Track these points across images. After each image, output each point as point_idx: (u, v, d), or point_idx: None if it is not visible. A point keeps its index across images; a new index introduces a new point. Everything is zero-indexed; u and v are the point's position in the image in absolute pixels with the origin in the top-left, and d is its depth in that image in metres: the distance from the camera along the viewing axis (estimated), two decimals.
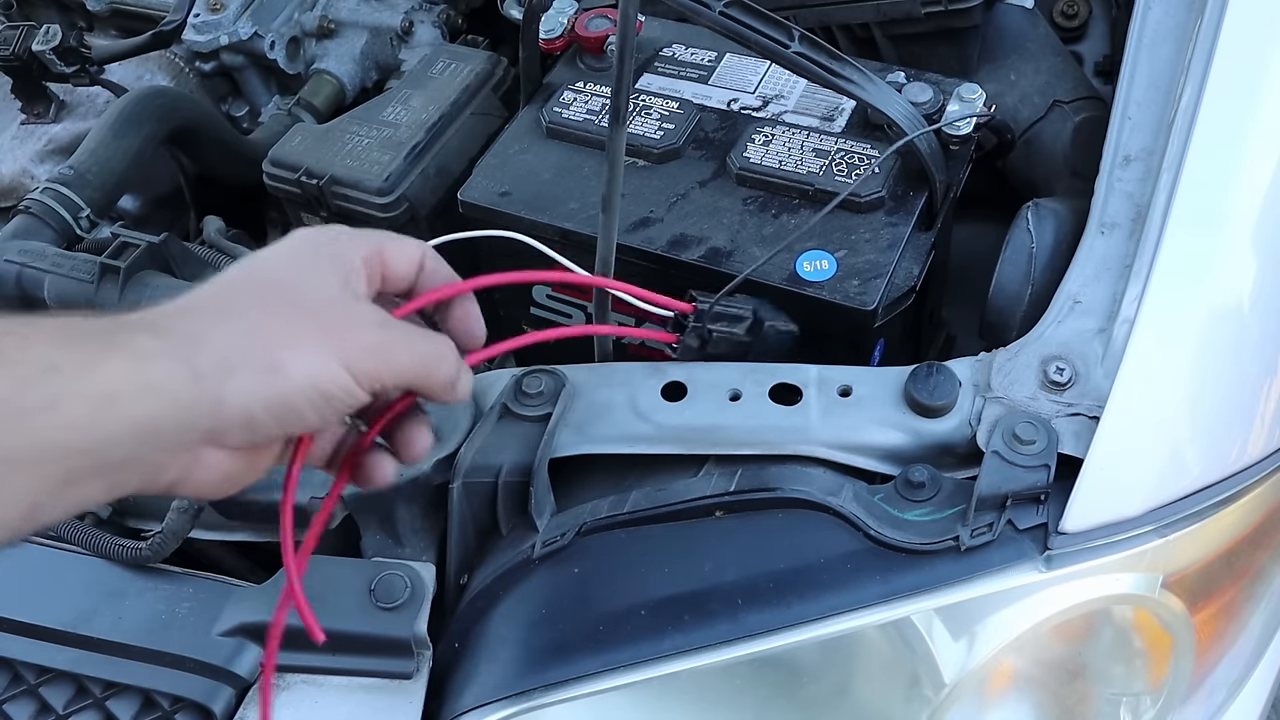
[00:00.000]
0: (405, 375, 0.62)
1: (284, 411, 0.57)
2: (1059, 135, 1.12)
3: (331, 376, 0.58)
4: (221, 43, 1.30)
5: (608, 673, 0.73)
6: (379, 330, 0.61)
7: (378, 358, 0.60)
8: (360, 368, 0.59)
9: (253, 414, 0.56)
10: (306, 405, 0.58)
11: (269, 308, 0.60)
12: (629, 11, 0.72)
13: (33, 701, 0.77)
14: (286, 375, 0.57)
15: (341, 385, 0.59)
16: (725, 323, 0.86)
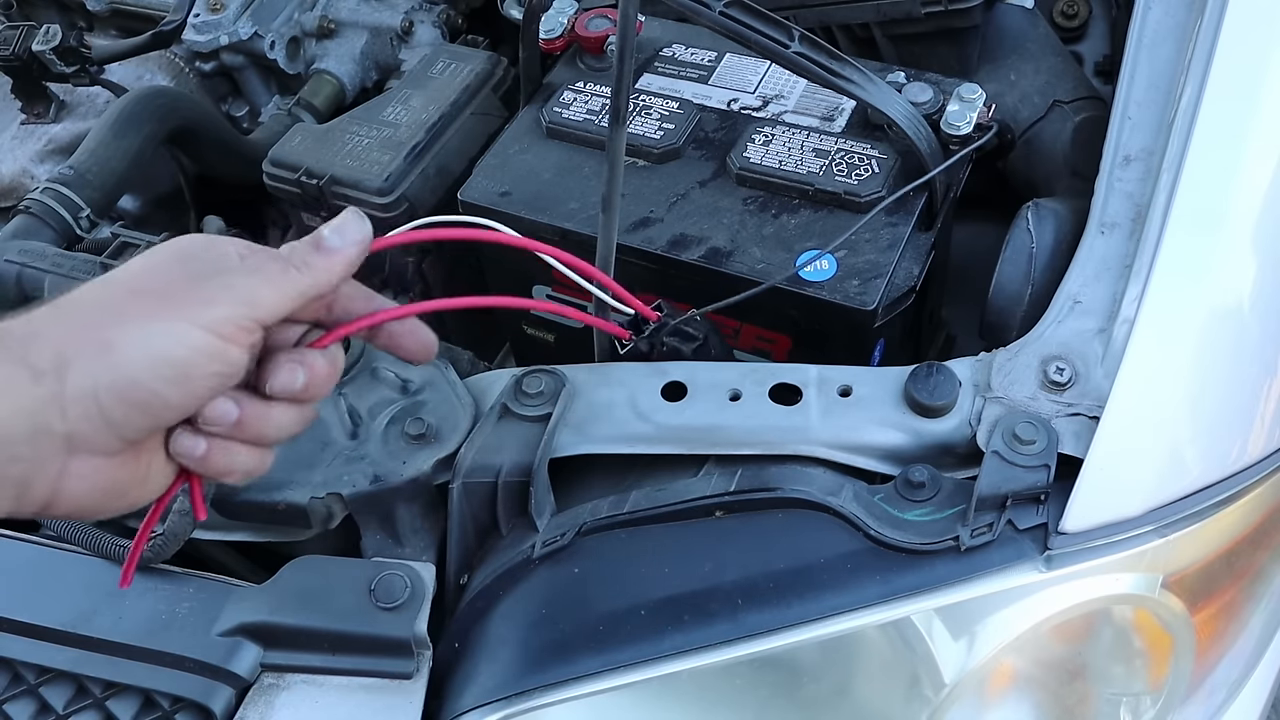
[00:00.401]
0: (282, 303, 0.58)
1: (134, 392, 0.54)
2: (1059, 135, 1.12)
3: (181, 341, 0.54)
4: (221, 43, 1.30)
5: (608, 673, 0.73)
6: (227, 277, 0.57)
7: (244, 310, 0.56)
8: (225, 323, 0.55)
9: (101, 403, 0.53)
10: (156, 380, 0.54)
11: (105, 298, 0.56)
12: (629, 11, 0.72)
13: (33, 701, 0.77)
14: (121, 351, 0.53)
15: (198, 347, 0.54)
16: (677, 339, 0.87)
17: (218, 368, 0.56)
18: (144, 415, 0.55)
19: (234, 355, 0.56)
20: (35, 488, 0.54)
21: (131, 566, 0.66)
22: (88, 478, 0.55)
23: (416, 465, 0.81)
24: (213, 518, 0.84)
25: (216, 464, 0.60)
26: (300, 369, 0.61)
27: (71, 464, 0.54)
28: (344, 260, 0.61)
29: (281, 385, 0.60)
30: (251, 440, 0.61)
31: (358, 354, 0.87)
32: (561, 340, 1.10)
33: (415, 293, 1.15)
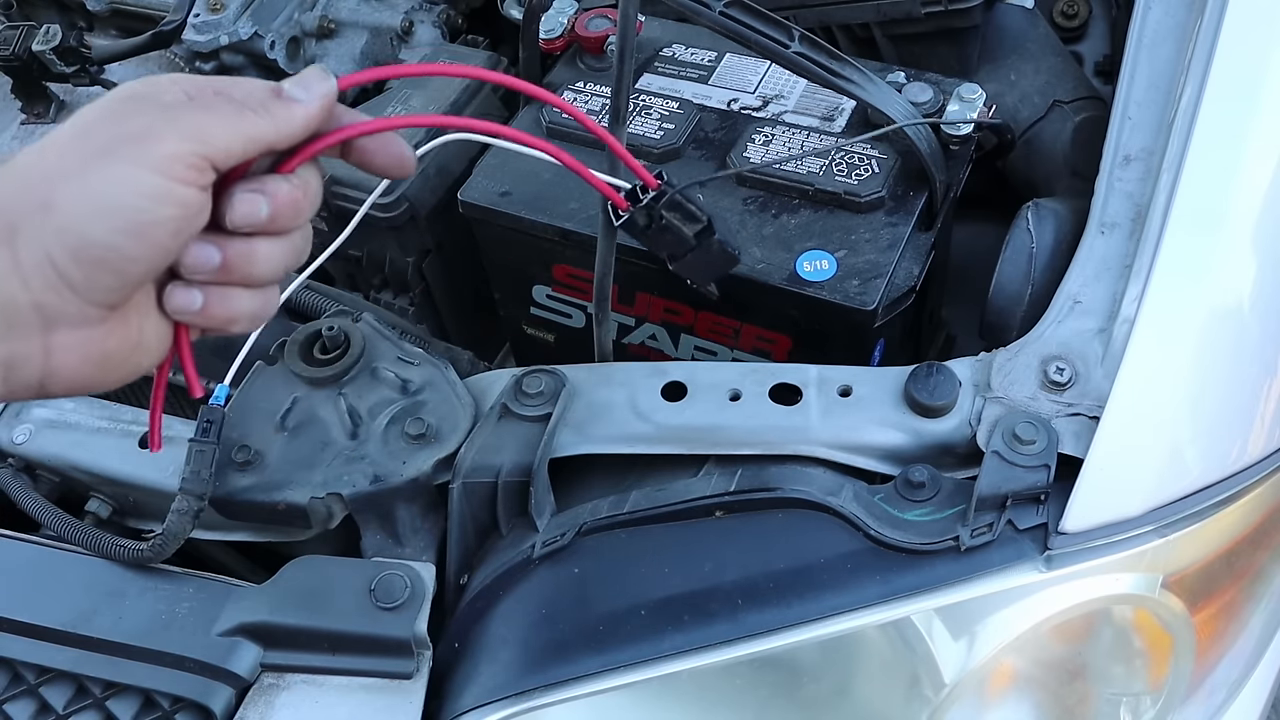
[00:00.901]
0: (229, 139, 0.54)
1: (88, 250, 0.51)
2: (1059, 135, 1.12)
3: (125, 187, 0.51)
4: (221, 42, 1.30)
5: (608, 673, 0.73)
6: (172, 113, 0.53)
7: (193, 145, 0.52)
8: (171, 160, 0.51)
9: (58, 267, 0.50)
10: (108, 233, 0.51)
11: (43, 157, 0.53)
12: (629, 11, 0.72)
13: (33, 701, 0.77)
14: (63, 210, 0.50)
15: (144, 191, 0.51)
16: (679, 215, 0.80)
17: (171, 211, 0.52)
18: (107, 273, 0.52)
19: (186, 196, 0.52)
20: (23, 368, 0.52)
21: (156, 428, 0.64)
22: (75, 350, 0.53)
23: (416, 465, 0.81)
24: (213, 518, 0.84)
25: (217, 313, 0.57)
26: (261, 198, 0.56)
27: (54, 338, 0.52)
28: (304, 113, 0.57)
29: (242, 217, 0.56)
30: (245, 282, 0.58)
31: (358, 354, 0.87)
32: (561, 340, 1.10)
33: (415, 292, 1.15)
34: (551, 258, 1.02)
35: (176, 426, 0.91)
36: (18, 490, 0.89)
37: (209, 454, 0.80)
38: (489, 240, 1.05)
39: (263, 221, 0.57)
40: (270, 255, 0.58)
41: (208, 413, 0.81)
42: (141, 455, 0.89)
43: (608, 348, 0.89)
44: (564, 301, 1.06)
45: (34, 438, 0.92)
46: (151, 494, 0.89)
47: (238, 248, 0.57)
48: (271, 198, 0.57)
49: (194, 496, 0.79)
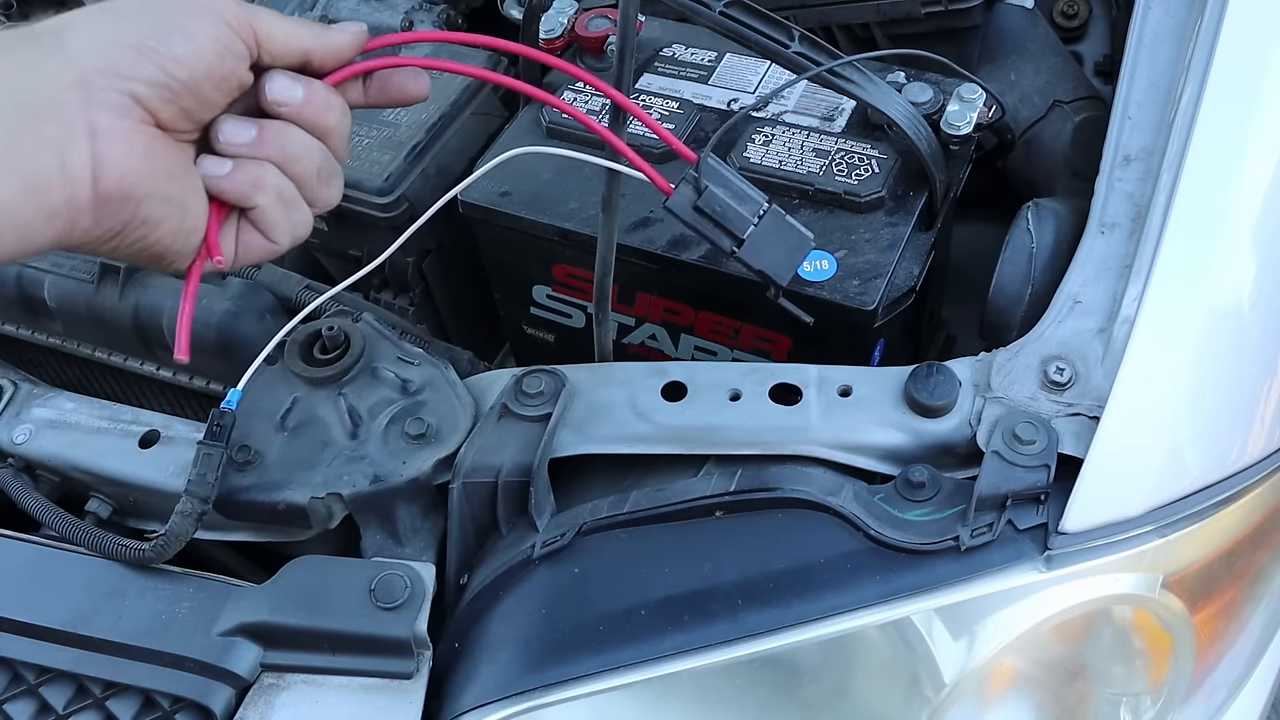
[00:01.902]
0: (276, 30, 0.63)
1: (135, 37, 0.57)
2: (1059, 135, 1.12)
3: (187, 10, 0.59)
4: None
5: (608, 673, 0.73)
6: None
7: (241, 10, 0.61)
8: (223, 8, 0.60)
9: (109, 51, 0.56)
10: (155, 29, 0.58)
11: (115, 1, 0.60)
12: (629, 11, 0.72)
13: (33, 701, 0.77)
14: (117, 10, 0.58)
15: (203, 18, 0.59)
16: (728, 192, 0.77)
17: (217, 34, 0.59)
18: (152, 64, 0.57)
19: (230, 34, 0.60)
20: (73, 150, 0.55)
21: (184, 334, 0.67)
22: (121, 137, 0.57)
23: (416, 465, 0.81)
24: (213, 518, 0.84)
25: (244, 178, 0.63)
26: (298, 83, 0.64)
27: (98, 119, 0.56)
28: (339, 38, 0.66)
29: (280, 91, 0.64)
30: (277, 160, 0.64)
31: (358, 354, 0.87)
32: (561, 340, 1.10)
33: (415, 292, 1.15)
34: (551, 258, 1.02)
35: (177, 426, 0.91)
36: (18, 490, 0.89)
37: (216, 457, 0.80)
38: (489, 240, 1.05)
39: (298, 102, 0.64)
40: (302, 144, 0.65)
41: (218, 416, 0.81)
42: (141, 455, 0.89)
43: (608, 348, 0.89)
44: (564, 301, 1.06)
45: (34, 438, 0.92)
46: (152, 494, 0.89)
47: (274, 127, 0.64)
48: (308, 85, 0.65)
49: (198, 499, 0.79)
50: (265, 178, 0.64)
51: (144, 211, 0.60)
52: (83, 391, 0.99)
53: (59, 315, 1.00)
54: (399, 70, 0.71)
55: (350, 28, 0.67)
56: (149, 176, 0.59)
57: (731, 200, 0.78)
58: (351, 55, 0.68)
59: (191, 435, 0.88)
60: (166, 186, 0.60)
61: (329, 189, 0.68)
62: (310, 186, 0.67)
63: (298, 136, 0.65)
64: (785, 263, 0.80)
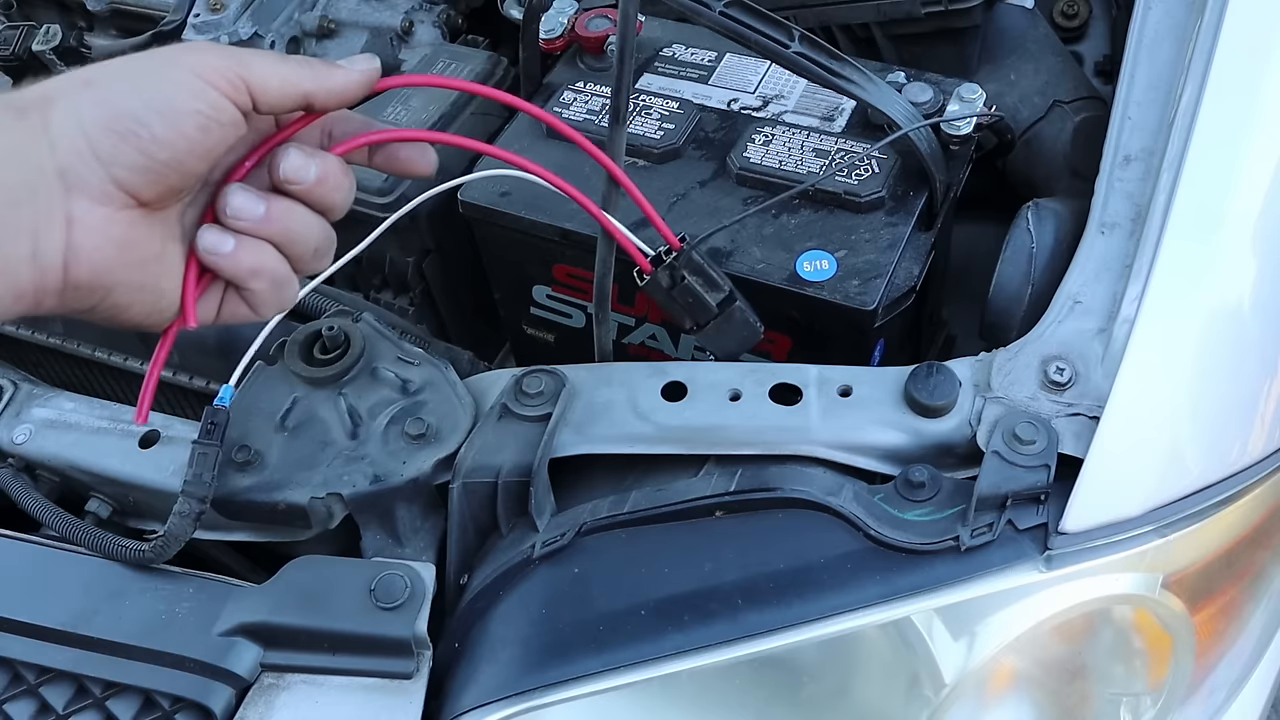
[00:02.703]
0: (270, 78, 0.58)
1: (120, 122, 0.54)
2: (1059, 135, 1.12)
3: (165, 77, 0.55)
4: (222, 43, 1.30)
5: (608, 673, 0.73)
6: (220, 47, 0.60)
7: (234, 63, 0.57)
8: (209, 68, 0.56)
9: (87, 133, 0.54)
10: (141, 108, 0.55)
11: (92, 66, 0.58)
12: (629, 11, 0.72)
13: (33, 701, 0.77)
14: (103, 85, 0.54)
15: (181, 83, 0.55)
16: (701, 280, 0.83)
17: (202, 106, 0.56)
18: (133, 149, 0.55)
19: (218, 100, 0.56)
20: (47, 238, 0.54)
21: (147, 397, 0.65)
22: (96, 228, 0.55)
23: (416, 465, 0.81)
24: (213, 518, 0.84)
25: (246, 262, 0.61)
26: (312, 161, 0.62)
27: (75, 208, 0.54)
28: (344, 76, 0.62)
29: (293, 170, 0.61)
30: (279, 240, 0.62)
31: (358, 354, 0.87)
32: (561, 340, 1.10)
33: (415, 292, 1.15)
34: (551, 258, 1.02)
35: (177, 426, 0.91)
36: (18, 490, 0.89)
37: (212, 456, 0.80)
38: (489, 240, 1.05)
39: (310, 182, 0.62)
40: (307, 224, 0.63)
41: (212, 414, 0.81)
42: (142, 455, 0.89)
43: (608, 348, 0.89)
44: (564, 301, 1.06)
45: (34, 438, 0.92)
46: (151, 494, 0.89)
47: (281, 205, 0.61)
48: (321, 162, 0.62)
49: (196, 499, 0.79)
50: (265, 261, 0.62)
51: (114, 298, 0.58)
52: (83, 391, 0.99)
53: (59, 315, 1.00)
54: (407, 145, 0.68)
55: (360, 64, 0.63)
56: (123, 267, 0.57)
57: (702, 290, 0.83)
58: (359, 96, 0.64)
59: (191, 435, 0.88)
60: (140, 275, 0.58)
61: (321, 262, 0.66)
62: (304, 262, 0.64)
63: (303, 215, 0.63)
64: (734, 349, 0.86)
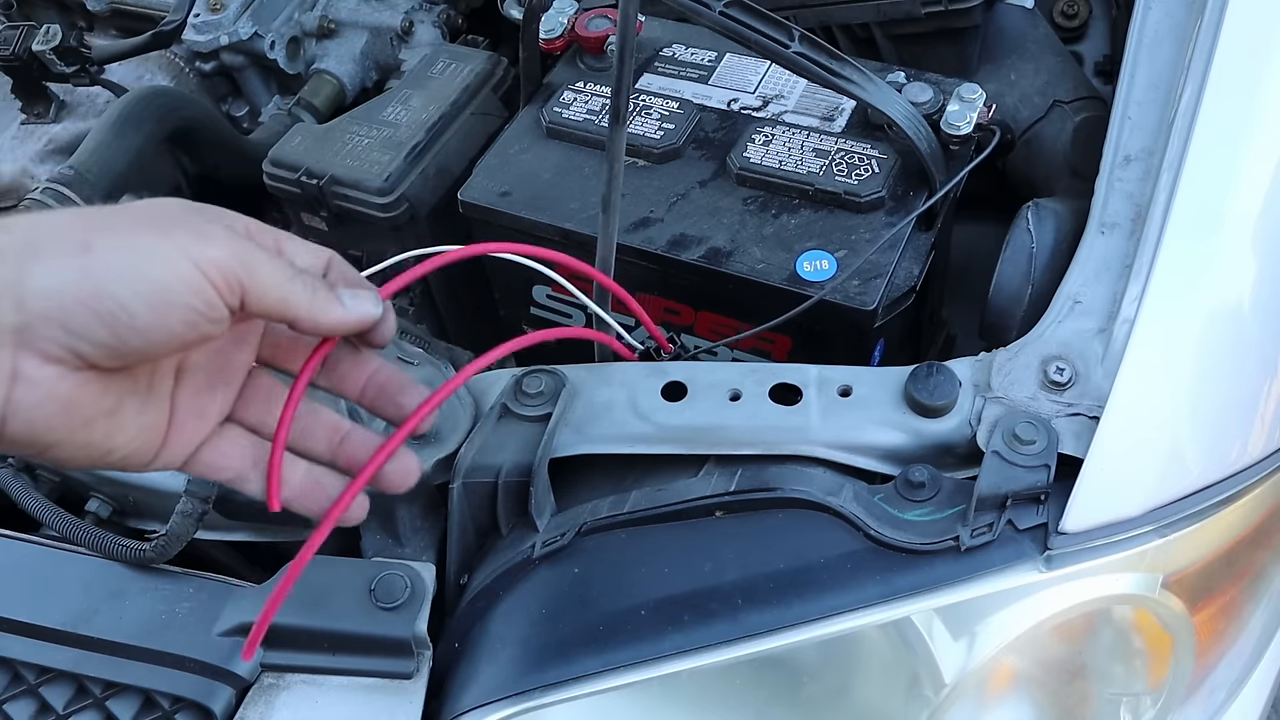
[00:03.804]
0: (266, 287, 0.54)
1: (102, 302, 0.49)
2: (1059, 135, 1.12)
3: (166, 263, 0.50)
4: (221, 43, 1.30)
5: (608, 673, 0.73)
6: (235, 236, 0.54)
7: (231, 256, 0.52)
8: (213, 265, 0.51)
9: (63, 303, 0.49)
10: (130, 293, 0.50)
11: (96, 212, 0.53)
12: (629, 11, 0.72)
13: (33, 701, 0.77)
14: (98, 255, 0.49)
15: (182, 275, 0.50)
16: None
17: (196, 303, 0.51)
18: (106, 330, 0.50)
19: (213, 299, 0.52)
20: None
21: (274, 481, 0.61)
22: (42, 386, 0.50)
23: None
24: (213, 518, 0.84)
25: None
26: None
27: (24, 364, 0.49)
28: (338, 318, 0.58)
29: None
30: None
31: None
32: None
33: (415, 292, 1.15)
34: None
35: None
36: (18, 490, 0.89)
37: None
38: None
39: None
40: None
41: None
42: None
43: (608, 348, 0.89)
44: (564, 301, 1.06)
45: None
46: (151, 494, 0.89)
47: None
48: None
49: (199, 499, 0.79)
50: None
51: (54, 453, 0.53)
52: None
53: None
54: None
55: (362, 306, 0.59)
56: (64, 428, 0.52)
57: None
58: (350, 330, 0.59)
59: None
60: (85, 435, 0.53)
61: None
62: None
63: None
64: None
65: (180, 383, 0.58)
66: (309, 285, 0.57)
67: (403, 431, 0.62)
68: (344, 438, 0.63)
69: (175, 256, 0.51)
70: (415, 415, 0.62)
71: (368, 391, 0.63)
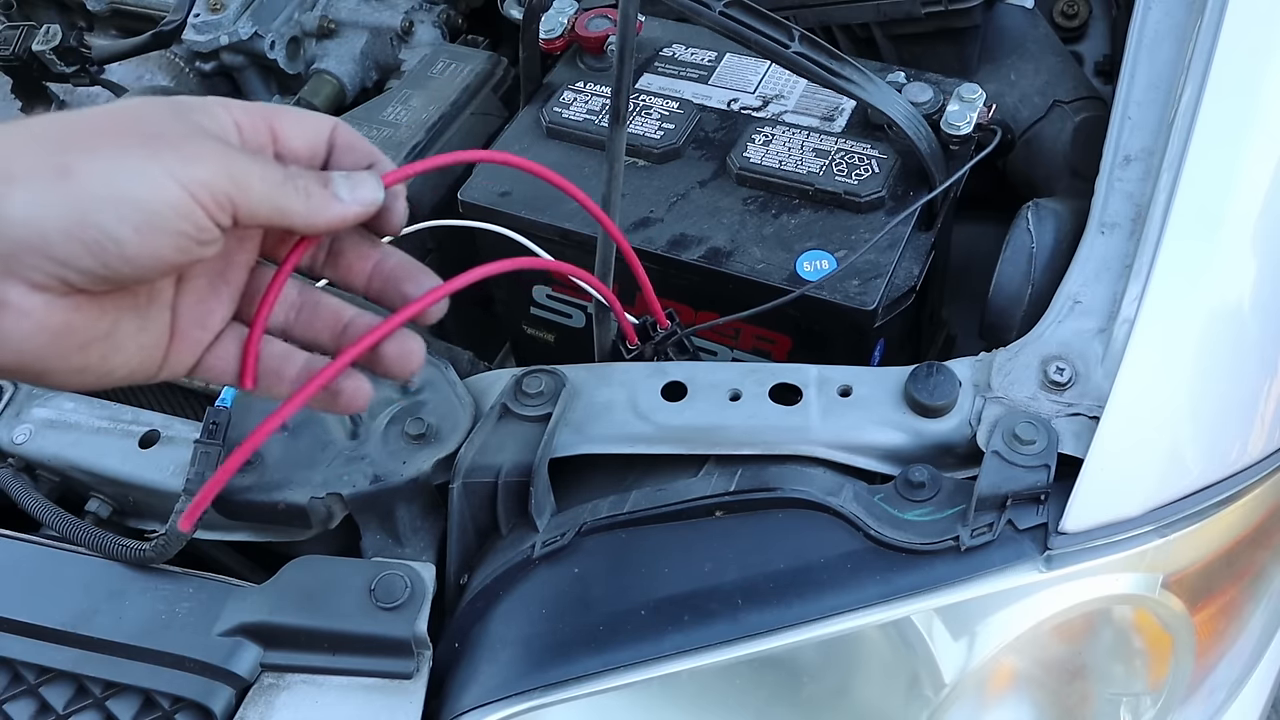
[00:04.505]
0: (258, 197, 0.51)
1: (86, 230, 0.47)
2: (1059, 135, 1.12)
3: (152, 187, 0.48)
4: (221, 43, 1.30)
5: (608, 673, 0.73)
6: (221, 146, 0.51)
7: (218, 171, 0.50)
8: (195, 178, 0.49)
9: (46, 233, 0.46)
10: (115, 219, 0.47)
11: (76, 122, 0.49)
12: (629, 11, 0.72)
13: (33, 701, 0.77)
14: (80, 181, 0.47)
15: (168, 200, 0.48)
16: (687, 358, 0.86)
17: (185, 227, 0.49)
18: (93, 259, 0.48)
19: (202, 221, 0.50)
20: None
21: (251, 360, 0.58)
22: (33, 316, 0.48)
23: (416, 465, 0.81)
24: (213, 518, 0.84)
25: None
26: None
27: (10, 293, 0.47)
28: (338, 213, 0.55)
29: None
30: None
31: None
32: (561, 340, 1.10)
33: None
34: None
35: (177, 426, 0.91)
36: (18, 490, 0.89)
37: (214, 455, 0.80)
38: (489, 240, 1.05)
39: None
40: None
41: (214, 414, 0.81)
42: (141, 455, 0.89)
43: (608, 348, 0.89)
44: (564, 301, 1.06)
45: (34, 438, 0.92)
46: (152, 494, 0.89)
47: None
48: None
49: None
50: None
51: (48, 379, 0.51)
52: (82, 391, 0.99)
53: None
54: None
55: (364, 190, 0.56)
56: (57, 355, 0.50)
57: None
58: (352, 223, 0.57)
59: (191, 435, 0.88)
60: (80, 359, 0.51)
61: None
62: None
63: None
64: None
65: (181, 291, 0.56)
66: (301, 189, 0.54)
67: (406, 312, 0.58)
68: (347, 325, 0.60)
69: (161, 179, 0.48)
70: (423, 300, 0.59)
71: (374, 282, 0.60)
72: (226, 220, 0.51)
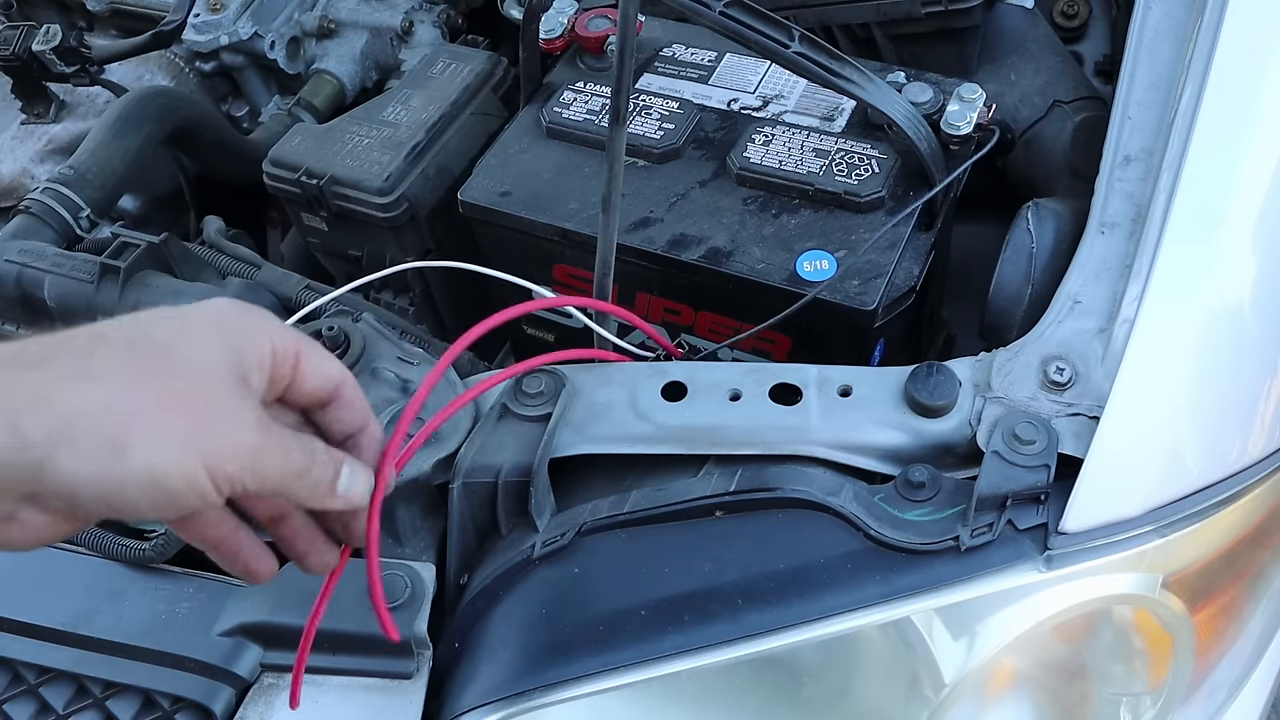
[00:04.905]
0: (271, 484, 0.57)
1: (114, 499, 0.52)
2: (1059, 135, 1.12)
3: (182, 472, 0.52)
4: (221, 43, 1.30)
5: (608, 673, 0.73)
6: (256, 432, 0.56)
7: (244, 461, 0.55)
8: (222, 470, 0.54)
9: (76, 494, 0.51)
10: (142, 498, 0.52)
11: (134, 376, 0.53)
12: (629, 11, 0.72)
13: (33, 701, 0.77)
14: (128, 466, 0.51)
15: (191, 483, 0.53)
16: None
17: (195, 502, 0.54)
18: (110, 513, 0.54)
19: (211, 496, 0.54)
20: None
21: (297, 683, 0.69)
22: (31, 528, 0.54)
23: (416, 465, 0.81)
24: None
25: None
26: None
27: (23, 513, 0.53)
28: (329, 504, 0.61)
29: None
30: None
31: (358, 354, 0.87)
32: (562, 340, 1.10)
33: (415, 292, 1.15)
34: (551, 258, 1.02)
35: None
36: None
37: None
38: (489, 240, 1.05)
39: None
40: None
41: None
42: None
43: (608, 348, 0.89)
44: (561, 311, 1.06)
45: None
46: None
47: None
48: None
49: None
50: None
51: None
52: None
53: (59, 315, 1.00)
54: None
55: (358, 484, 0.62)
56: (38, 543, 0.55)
57: None
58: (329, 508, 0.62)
59: None
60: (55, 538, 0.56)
61: None
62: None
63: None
64: None
65: None
66: (315, 483, 0.59)
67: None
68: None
69: (194, 469, 0.53)
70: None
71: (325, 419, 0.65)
72: (231, 494, 0.55)
